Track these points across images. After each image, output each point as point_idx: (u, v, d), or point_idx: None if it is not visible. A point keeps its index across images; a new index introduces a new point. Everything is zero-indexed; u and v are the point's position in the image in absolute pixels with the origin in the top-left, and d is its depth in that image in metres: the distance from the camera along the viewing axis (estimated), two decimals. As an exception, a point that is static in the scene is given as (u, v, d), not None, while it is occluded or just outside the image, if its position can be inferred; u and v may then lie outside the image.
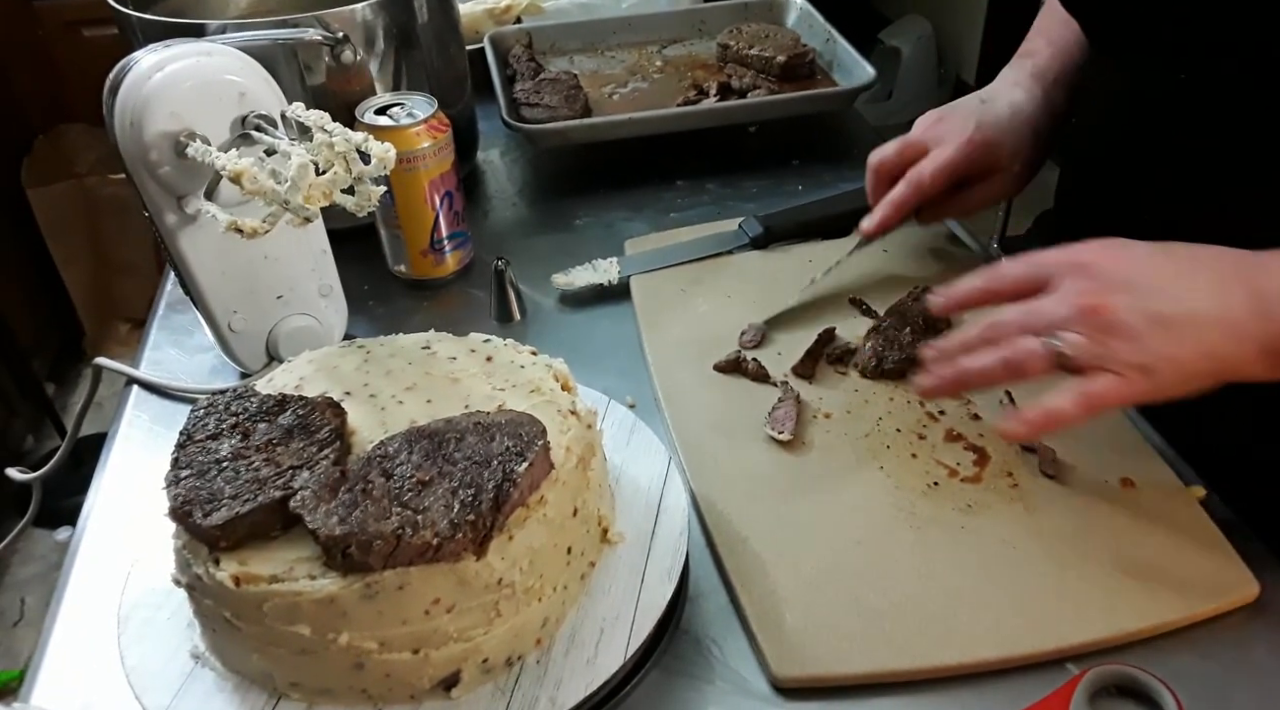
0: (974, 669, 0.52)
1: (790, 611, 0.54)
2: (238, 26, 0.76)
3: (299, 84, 0.81)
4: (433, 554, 0.45)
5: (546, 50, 1.17)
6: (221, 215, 0.59)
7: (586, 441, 0.54)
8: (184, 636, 0.52)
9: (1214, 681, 0.51)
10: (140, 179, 0.64)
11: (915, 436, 0.65)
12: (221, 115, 0.64)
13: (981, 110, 0.75)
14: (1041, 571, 0.56)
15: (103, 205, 2.22)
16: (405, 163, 0.76)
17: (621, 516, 0.57)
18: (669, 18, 1.21)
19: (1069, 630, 0.53)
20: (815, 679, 0.52)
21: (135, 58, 0.63)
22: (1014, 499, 0.61)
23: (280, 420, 0.51)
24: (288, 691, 0.49)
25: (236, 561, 0.46)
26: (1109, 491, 0.61)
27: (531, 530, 0.48)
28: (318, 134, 0.57)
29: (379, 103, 0.80)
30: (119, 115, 0.63)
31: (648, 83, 1.11)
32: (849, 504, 0.61)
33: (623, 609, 0.52)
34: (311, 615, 0.45)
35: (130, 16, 0.79)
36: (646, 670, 0.53)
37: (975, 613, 0.54)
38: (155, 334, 0.84)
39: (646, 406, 0.70)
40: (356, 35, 0.82)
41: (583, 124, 0.98)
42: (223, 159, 0.57)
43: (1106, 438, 0.64)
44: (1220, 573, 0.55)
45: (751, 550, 0.58)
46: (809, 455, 0.65)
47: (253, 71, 0.66)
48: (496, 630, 0.48)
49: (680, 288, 0.81)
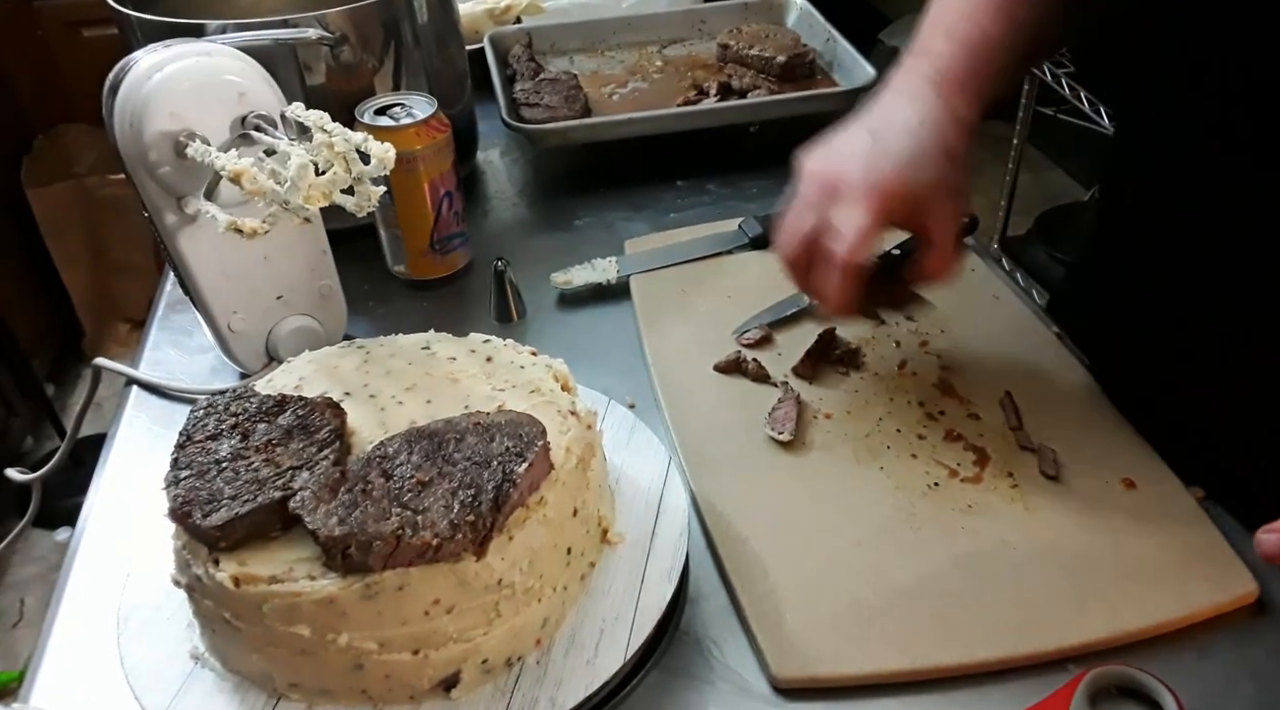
0: (974, 669, 0.52)
1: (790, 612, 0.54)
2: (237, 26, 0.76)
3: (299, 84, 0.81)
4: (432, 554, 0.45)
5: (546, 50, 1.17)
6: (221, 215, 0.59)
7: (586, 442, 0.54)
8: (184, 637, 0.52)
9: (1214, 682, 0.51)
10: (140, 179, 0.64)
11: (915, 437, 0.65)
12: (221, 115, 0.64)
13: (873, 153, 0.61)
14: (1042, 572, 0.56)
15: (102, 205, 2.22)
16: (405, 163, 0.76)
17: (621, 517, 0.57)
18: (669, 18, 1.21)
19: (1069, 630, 0.53)
20: (815, 679, 0.52)
21: (135, 58, 0.63)
22: (1014, 499, 0.60)
23: (280, 421, 0.51)
24: (287, 692, 0.49)
25: (236, 562, 0.46)
26: (1109, 492, 0.61)
27: (531, 531, 0.48)
28: (317, 134, 0.57)
29: (379, 103, 0.80)
30: (118, 115, 0.63)
31: (648, 83, 1.11)
32: (849, 504, 0.61)
33: (623, 609, 0.52)
34: (311, 616, 0.45)
35: (130, 16, 0.79)
36: (646, 671, 0.53)
37: (975, 613, 0.54)
38: (155, 334, 0.83)
39: (646, 406, 0.70)
40: (356, 35, 0.82)
41: (583, 124, 0.98)
42: (222, 159, 0.57)
43: (1107, 438, 0.64)
44: (1220, 573, 0.55)
45: (751, 550, 0.58)
46: (809, 455, 0.65)
47: (252, 71, 0.66)
48: (496, 631, 0.48)
49: (680, 288, 0.81)
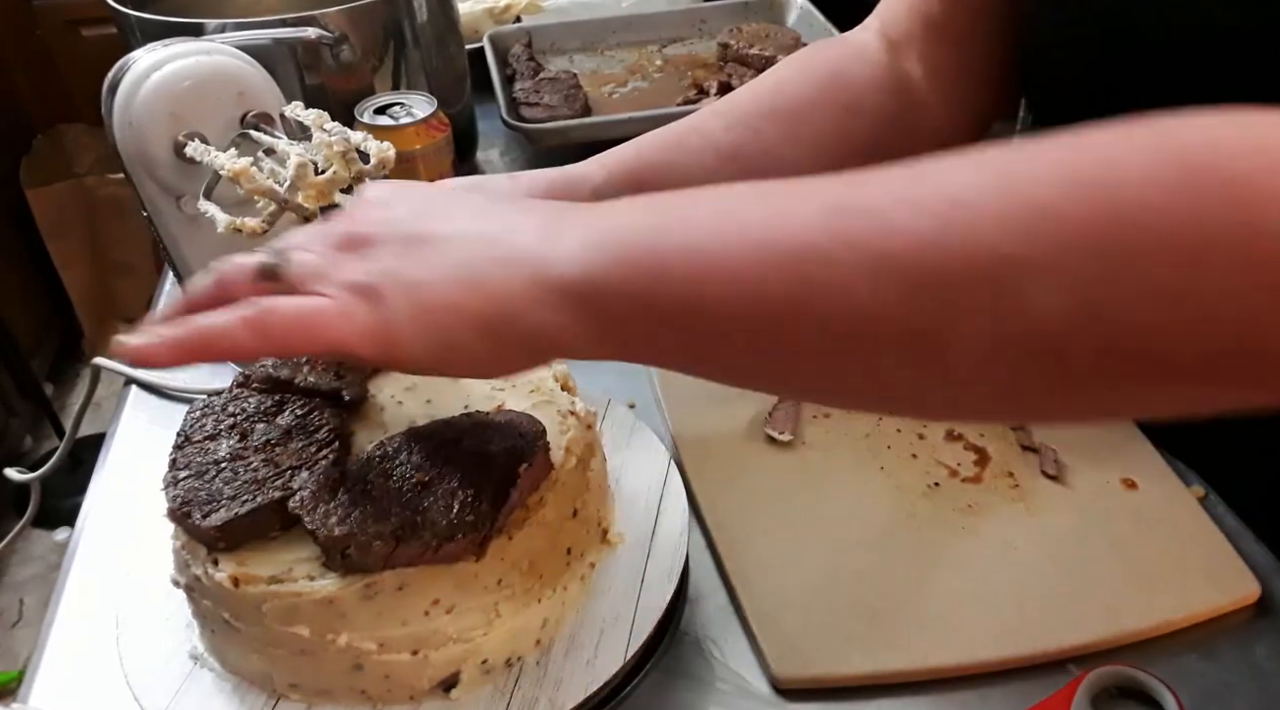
0: (975, 670, 0.52)
1: (791, 612, 0.54)
2: (236, 25, 0.75)
3: (298, 83, 0.81)
4: (432, 555, 0.45)
5: (546, 49, 1.17)
6: (220, 215, 0.59)
7: (586, 442, 0.53)
8: (183, 637, 0.51)
9: (1215, 682, 0.51)
10: (139, 179, 0.64)
11: (915, 436, 0.65)
12: (220, 114, 0.64)
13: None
14: (1042, 572, 0.56)
15: (102, 205, 2.22)
16: (404, 162, 0.76)
17: (621, 517, 0.57)
18: (669, 17, 1.21)
19: (1070, 631, 0.53)
20: (816, 680, 0.52)
21: (134, 57, 0.63)
22: (1015, 499, 0.60)
23: (279, 421, 0.51)
24: (287, 692, 0.49)
25: (235, 562, 0.46)
26: (1110, 492, 0.60)
27: (531, 531, 0.48)
28: (316, 133, 0.56)
29: (378, 102, 0.80)
30: (118, 114, 0.62)
31: (648, 82, 1.11)
32: (849, 504, 0.61)
33: (622, 610, 0.52)
34: (310, 616, 0.45)
35: (129, 15, 0.79)
36: (646, 671, 0.53)
37: (976, 613, 0.54)
38: (154, 334, 0.83)
39: (646, 406, 0.70)
40: (355, 34, 0.82)
41: (582, 123, 0.98)
42: (222, 158, 0.57)
43: (1108, 438, 0.64)
44: (1221, 573, 0.55)
45: (752, 551, 0.58)
46: (809, 455, 0.64)
47: (251, 70, 0.66)
48: (496, 631, 0.48)
49: (680, 287, 0.81)
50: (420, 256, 0.38)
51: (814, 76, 0.63)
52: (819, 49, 0.67)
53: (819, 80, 0.63)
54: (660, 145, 0.61)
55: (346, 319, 0.37)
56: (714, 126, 0.61)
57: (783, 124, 0.61)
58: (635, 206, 0.38)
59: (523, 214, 0.39)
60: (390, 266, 0.38)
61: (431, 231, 0.38)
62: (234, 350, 0.39)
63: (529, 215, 0.39)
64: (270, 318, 0.38)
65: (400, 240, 0.38)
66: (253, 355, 0.38)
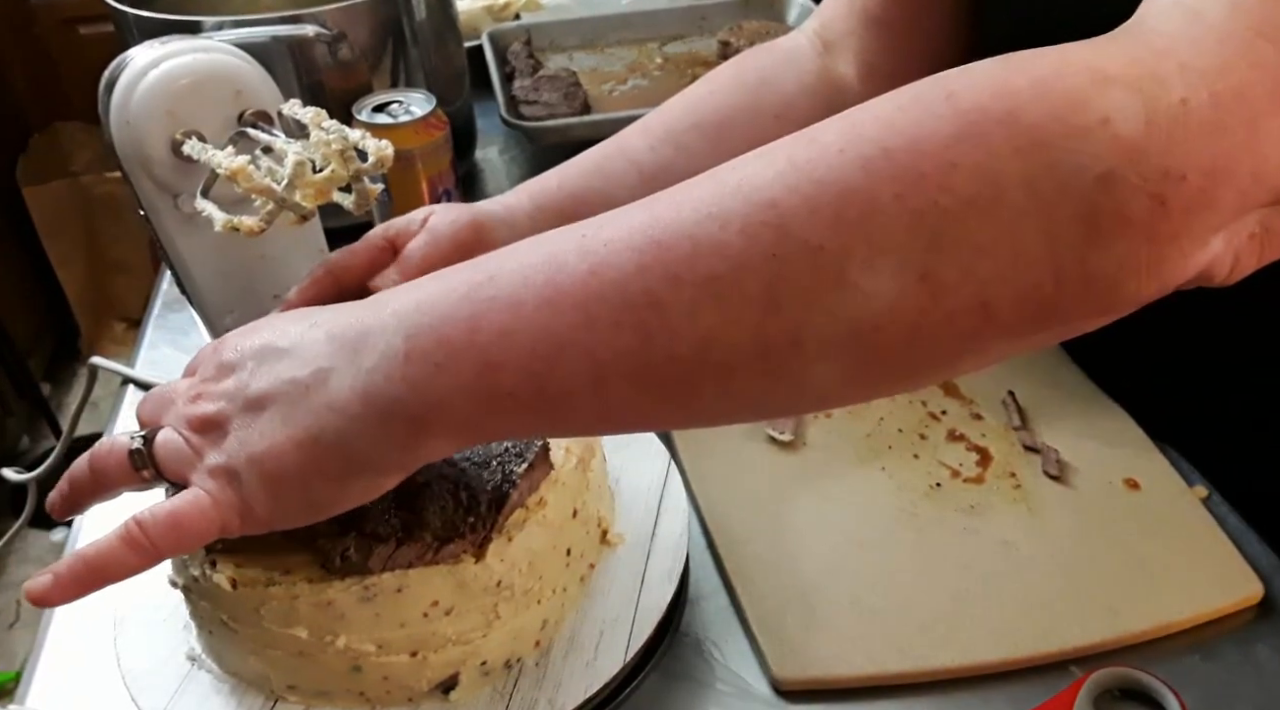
0: (976, 671, 0.52)
1: (791, 613, 0.54)
2: (234, 23, 0.75)
3: (296, 81, 0.81)
4: (431, 556, 0.45)
5: (545, 47, 1.16)
6: (218, 214, 0.59)
7: (586, 442, 0.53)
8: (180, 638, 0.51)
9: (1218, 683, 0.51)
10: (136, 177, 0.64)
11: (917, 436, 0.65)
12: (218, 112, 0.63)
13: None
14: (1044, 573, 0.56)
15: (99, 204, 2.21)
16: (403, 160, 0.76)
17: (621, 518, 0.57)
18: (669, 14, 1.20)
19: (1072, 632, 0.52)
20: (816, 681, 0.52)
21: (131, 55, 0.63)
22: (1017, 500, 0.60)
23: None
24: (285, 694, 0.48)
25: (233, 563, 0.46)
26: (1112, 492, 0.60)
27: (531, 532, 0.48)
28: (314, 131, 0.56)
29: (376, 100, 0.79)
30: (114, 112, 0.62)
31: (648, 80, 1.11)
32: (850, 505, 0.60)
33: (622, 611, 0.52)
34: (309, 617, 0.45)
35: (126, 13, 0.79)
36: (646, 673, 0.52)
37: (977, 614, 0.54)
38: (151, 333, 0.83)
39: (646, 406, 0.70)
40: (354, 32, 0.81)
41: (582, 121, 0.98)
42: (219, 156, 0.57)
43: (1110, 438, 0.64)
44: (1224, 574, 0.55)
45: (752, 551, 0.58)
46: (810, 455, 0.64)
47: (249, 68, 0.65)
48: (495, 633, 0.48)
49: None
50: (259, 426, 0.38)
51: (743, 83, 0.63)
52: (751, 56, 0.67)
53: (747, 87, 0.63)
54: (581, 171, 0.61)
55: (216, 507, 0.39)
56: (638, 145, 0.61)
57: (709, 135, 0.61)
58: (452, 288, 0.37)
59: (333, 336, 0.38)
60: (236, 445, 0.39)
61: (263, 391, 0.38)
62: (123, 568, 0.39)
63: (332, 343, 0.38)
64: (148, 529, 0.39)
65: (243, 410, 0.39)
66: (144, 568, 0.39)
